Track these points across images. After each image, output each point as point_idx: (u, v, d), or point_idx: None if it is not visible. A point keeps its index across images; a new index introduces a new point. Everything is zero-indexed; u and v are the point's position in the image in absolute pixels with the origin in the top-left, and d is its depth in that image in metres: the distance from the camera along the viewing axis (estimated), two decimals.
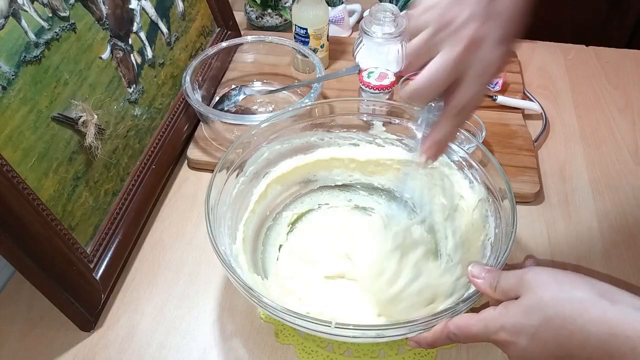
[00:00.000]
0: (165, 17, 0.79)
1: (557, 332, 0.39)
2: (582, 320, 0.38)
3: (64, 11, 0.59)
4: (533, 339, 0.40)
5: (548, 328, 0.40)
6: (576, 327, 0.38)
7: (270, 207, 0.69)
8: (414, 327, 0.47)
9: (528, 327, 0.41)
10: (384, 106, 0.69)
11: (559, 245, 0.67)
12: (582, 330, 0.38)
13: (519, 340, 0.41)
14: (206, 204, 0.55)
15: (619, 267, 0.65)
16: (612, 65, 0.97)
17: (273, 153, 0.67)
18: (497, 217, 0.58)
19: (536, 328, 0.40)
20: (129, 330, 0.60)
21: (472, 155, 0.62)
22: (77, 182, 0.59)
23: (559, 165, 0.78)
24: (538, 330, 0.40)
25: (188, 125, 0.81)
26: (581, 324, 0.38)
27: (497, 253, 0.54)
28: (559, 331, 0.39)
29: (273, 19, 1.05)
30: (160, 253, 0.67)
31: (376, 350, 0.57)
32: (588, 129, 0.84)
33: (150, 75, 0.75)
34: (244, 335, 0.59)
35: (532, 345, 0.40)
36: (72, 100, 0.59)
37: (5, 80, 0.51)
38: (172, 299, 0.62)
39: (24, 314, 0.61)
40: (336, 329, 0.46)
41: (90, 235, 0.61)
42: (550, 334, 0.39)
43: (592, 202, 0.73)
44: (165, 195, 0.75)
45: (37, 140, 0.54)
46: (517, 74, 0.92)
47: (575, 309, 0.39)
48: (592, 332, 0.38)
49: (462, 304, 0.47)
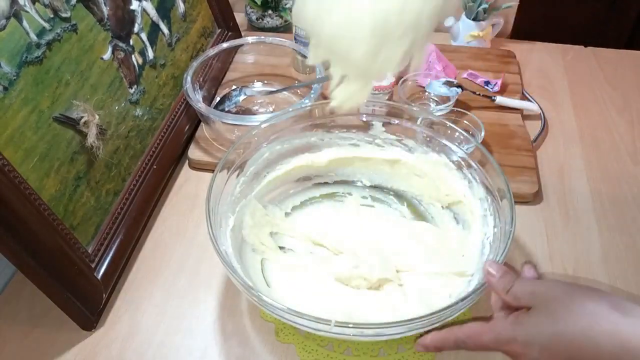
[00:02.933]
0: (166, 18, 0.79)
1: (569, 345, 0.39)
2: (593, 332, 0.38)
3: (65, 12, 0.59)
4: (544, 351, 0.40)
5: (560, 341, 0.40)
6: (588, 340, 0.38)
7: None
8: (413, 326, 0.47)
9: (540, 339, 0.41)
10: (383, 107, 0.69)
11: (557, 245, 0.68)
12: (594, 343, 0.38)
13: (530, 352, 0.41)
14: (207, 204, 0.55)
15: (617, 267, 0.65)
16: (611, 66, 0.97)
17: (273, 153, 0.67)
18: (496, 216, 0.58)
19: (548, 341, 0.40)
20: (130, 330, 0.60)
21: (471, 155, 0.63)
22: (78, 182, 0.60)
23: (557, 166, 0.78)
24: (550, 343, 0.40)
25: (189, 125, 0.81)
26: (592, 337, 0.38)
27: (495, 252, 0.54)
28: (571, 344, 0.39)
29: (273, 20, 1.05)
30: (161, 253, 0.68)
31: (376, 349, 0.57)
32: (587, 129, 0.84)
33: (152, 76, 0.75)
34: (245, 334, 0.59)
35: (543, 357, 0.41)
36: (73, 100, 0.59)
37: (7, 80, 0.52)
38: (173, 298, 0.63)
39: (26, 313, 0.61)
40: (336, 327, 0.47)
41: (92, 235, 0.62)
42: (561, 347, 0.40)
43: (590, 202, 0.73)
44: (166, 195, 0.75)
45: (38, 140, 0.54)
46: (515, 75, 0.92)
47: (586, 322, 0.39)
48: (603, 345, 0.38)
49: (461, 303, 0.48)
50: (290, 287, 0.60)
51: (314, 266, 0.63)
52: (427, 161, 0.67)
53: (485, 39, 0.99)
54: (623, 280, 0.64)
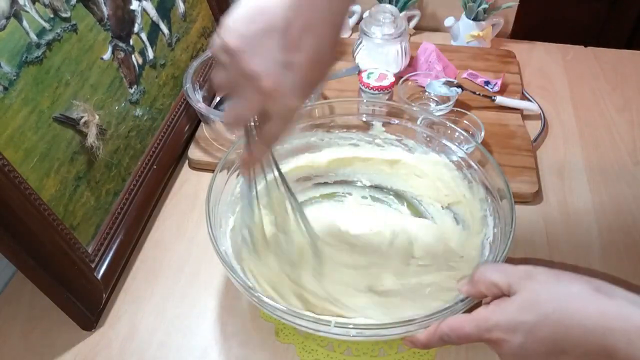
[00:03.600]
0: (166, 18, 0.79)
1: (554, 328, 0.39)
2: (579, 315, 0.38)
3: (65, 12, 0.59)
4: (529, 335, 0.40)
5: (545, 324, 0.39)
6: (574, 323, 0.38)
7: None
8: (412, 326, 0.47)
9: (524, 323, 0.40)
10: (383, 107, 0.70)
11: (557, 245, 0.68)
12: (580, 326, 0.38)
13: (514, 338, 0.41)
14: (207, 204, 0.55)
15: (617, 267, 0.65)
16: (611, 66, 0.97)
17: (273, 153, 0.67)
18: (496, 216, 0.58)
19: (533, 325, 0.40)
20: (130, 330, 0.60)
21: (471, 155, 0.63)
22: (78, 182, 0.60)
23: (557, 166, 0.78)
24: (534, 327, 0.40)
25: (189, 125, 0.81)
26: (579, 319, 0.38)
27: (495, 252, 0.54)
28: (556, 327, 0.39)
29: None
30: (161, 253, 0.68)
31: (376, 349, 0.57)
32: (586, 129, 0.84)
33: (152, 76, 0.75)
34: (245, 334, 0.59)
35: (527, 342, 0.40)
36: (73, 100, 0.59)
37: (7, 80, 0.51)
38: (173, 299, 0.63)
39: (26, 313, 0.61)
40: (336, 327, 0.47)
41: (92, 235, 0.62)
42: (546, 331, 0.39)
43: (590, 202, 0.73)
44: (166, 195, 0.75)
45: (38, 140, 0.54)
46: (515, 75, 0.92)
47: (572, 305, 0.39)
48: (590, 327, 0.38)
49: (460, 304, 0.47)
50: None
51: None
52: (427, 161, 0.67)
53: (485, 39, 0.99)
54: (623, 279, 0.64)
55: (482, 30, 0.98)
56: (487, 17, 0.98)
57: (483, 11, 0.96)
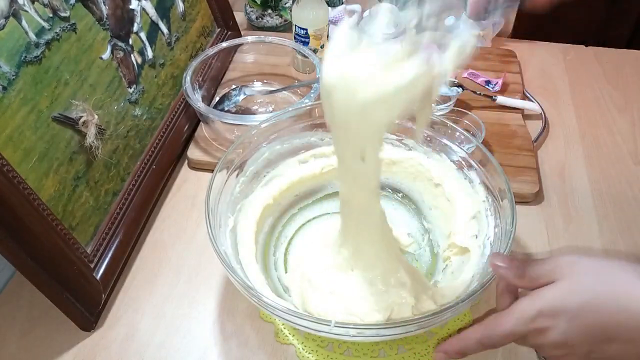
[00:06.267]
0: (166, 18, 0.79)
1: (600, 312, 0.38)
2: (624, 300, 0.38)
3: (64, 11, 0.59)
4: (573, 322, 0.39)
5: (590, 310, 0.39)
6: (619, 307, 0.38)
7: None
8: (413, 326, 0.47)
9: (568, 309, 0.39)
10: None
11: (558, 245, 0.67)
12: (626, 310, 0.38)
13: (559, 323, 0.40)
14: (206, 204, 0.55)
15: None
16: (612, 66, 0.97)
17: (273, 153, 0.67)
18: (497, 217, 0.58)
19: (577, 310, 0.39)
20: (129, 330, 0.60)
21: (472, 155, 0.62)
22: (77, 182, 0.60)
23: (558, 166, 0.78)
24: (579, 313, 0.39)
25: (188, 125, 0.81)
26: (624, 304, 0.38)
27: None
28: (601, 311, 0.38)
29: (273, 20, 1.05)
30: (161, 253, 0.67)
31: (376, 350, 0.57)
32: (587, 129, 0.84)
33: (151, 76, 0.75)
34: (244, 335, 0.59)
35: (571, 328, 0.39)
36: (72, 100, 0.59)
37: (6, 80, 0.51)
38: (172, 299, 0.62)
39: (25, 313, 0.61)
40: (336, 328, 0.47)
41: (91, 235, 0.61)
42: (591, 317, 0.39)
43: (591, 202, 0.73)
44: (165, 195, 0.75)
45: (37, 140, 0.54)
46: (516, 74, 0.92)
47: (617, 289, 0.39)
48: (636, 312, 0.37)
49: (461, 304, 0.47)
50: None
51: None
52: (428, 161, 0.67)
53: (486, 38, 0.99)
54: None
55: (482, 30, 0.98)
56: (487, 16, 0.97)
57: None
